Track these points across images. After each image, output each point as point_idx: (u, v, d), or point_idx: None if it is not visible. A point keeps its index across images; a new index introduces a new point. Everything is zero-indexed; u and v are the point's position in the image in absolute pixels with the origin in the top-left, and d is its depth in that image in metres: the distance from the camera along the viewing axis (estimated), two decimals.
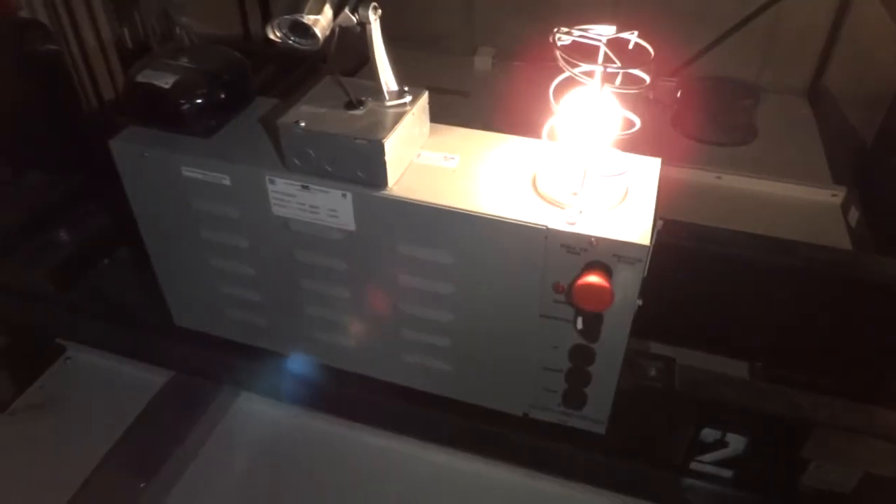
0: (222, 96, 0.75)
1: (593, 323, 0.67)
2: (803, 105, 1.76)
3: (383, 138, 0.65)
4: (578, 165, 0.66)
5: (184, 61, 0.76)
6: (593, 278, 0.63)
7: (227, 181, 0.73)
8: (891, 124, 1.55)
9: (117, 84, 1.44)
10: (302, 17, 0.63)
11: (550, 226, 0.64)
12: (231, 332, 0.88)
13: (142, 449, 1.07)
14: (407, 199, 0.67)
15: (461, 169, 0.71)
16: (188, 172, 0.73)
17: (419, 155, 0.73)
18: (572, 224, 0.64)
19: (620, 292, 0.65)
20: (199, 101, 0.73)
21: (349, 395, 0.95)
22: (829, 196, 1.43)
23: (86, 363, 1.26)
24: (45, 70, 1.05)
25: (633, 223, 0.64)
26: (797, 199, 1.44)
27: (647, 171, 0.71)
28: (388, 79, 0.70)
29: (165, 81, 0.73)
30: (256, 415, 1.19)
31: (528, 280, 0.68)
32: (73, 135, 1.13)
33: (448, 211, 0.67)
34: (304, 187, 0.70)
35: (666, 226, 0.94)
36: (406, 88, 0.72)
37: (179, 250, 0.82)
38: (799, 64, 1.79)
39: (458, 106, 1.63)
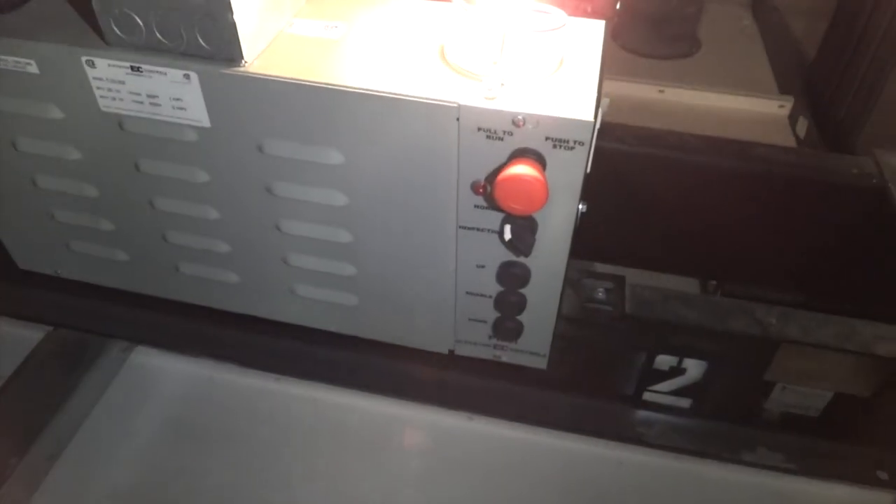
0: None
1: (525, 231, 0.50)
2: (746, 16, 1.63)
3: None
4: (498, 25, 0.48)
5: None
6: (521, 169, 0.45)
7: (33, 68, 0.52)
8: (835, 33, 1.43)
9: None
10: None
11: (463, 102, 0.46)
12: (84, 272, 0.69)
13: (9, 420, 0.87)
14: (271, 76, 0.48)
15: (347, 39, 0.52)
16: None
17: (291, 24, 0.53)
18: (492, 99, 0.46)
19: (558, 188, 0.48)
20: None
21: (256, 341, 0.78)
22: (776, 107, 1.30)
23: None
24: None
25: (572, 96, 0.47)
26: (743, 111, 1.32)
27: (587, 35, 0.53)
28: None
29: None
30: (155, 371, 1.00)
31: (439, 180, 0.50)
32: None
33: (328, 90, 0.48)
34: (134, 69, 0.50)
35: (608, 129, 0.79)
36: None
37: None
38: None
39: None
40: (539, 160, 0.47)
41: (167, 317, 0.81)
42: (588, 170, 0.48)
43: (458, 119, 0.47)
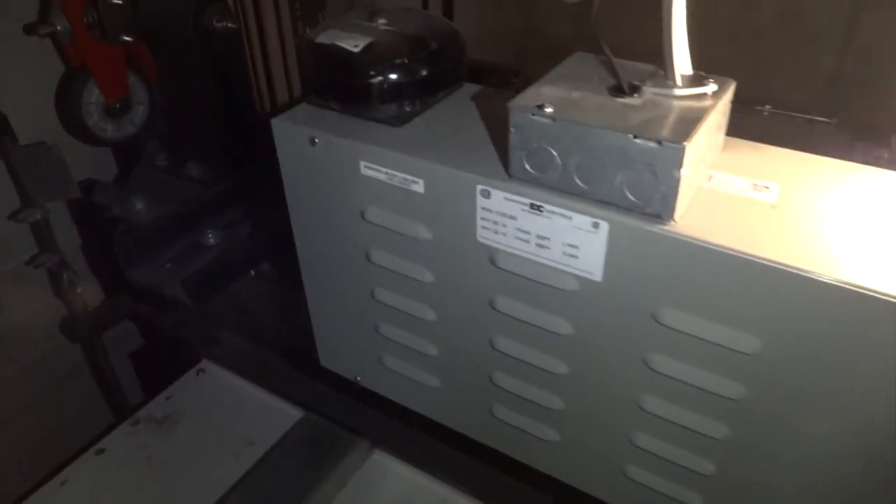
0: (427, 71, 0.50)
1: None
2: None
3: (684, 140, 0.37)
4: None
5: (381, 23, 0.52)
6: None
7: (419, 187, 0.48)
8: None
9: (293, 86, 1.26)
10: None
11: None
12: (389, 388, 0.63)
13: (262, 496, 0.85)
14: (707, 242, 0.39)
15: (785, 205, 0.42)
16: (369, 170, 0.49)
17: (710, 177, 0.45)
18: None
19: None
20: (397, 72, 0.49)
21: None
22: None
23: (219, 378, 1.06)
24: (219, 50, 0.87)
25: None
26: None
27: None
28: (682, 55, 0.43)
29: (355, 44, 0.50)
30: (392, 475, 0.94)
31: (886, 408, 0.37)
32: (240, 128, 0.94)
33: (777, 270, 0.37)
34: (534, 207, 0.44)
35: None
36: (702, 73, 0.44)
37: (340, 272, 0.58)
38: None
39: None
40: None
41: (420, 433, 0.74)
42: None
43: None
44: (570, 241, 0.43)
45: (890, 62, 1.16)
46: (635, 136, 0.38)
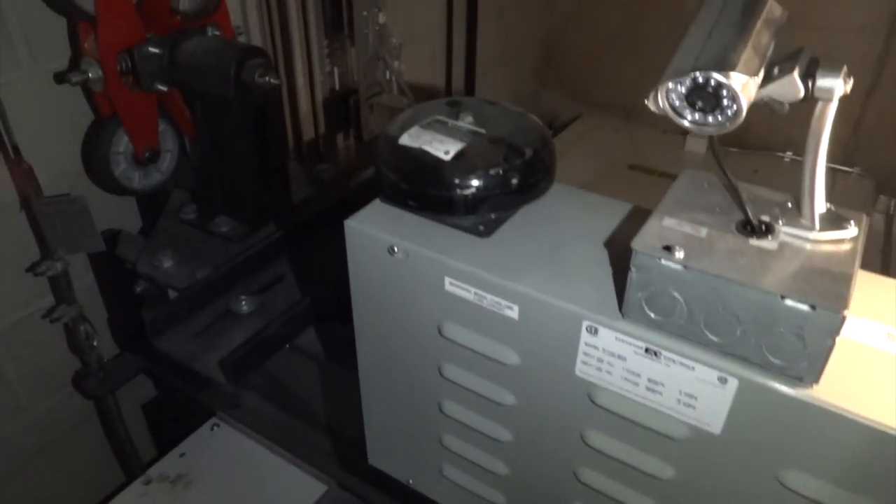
0: (522, 181, 0.46)
1: None
2: None
3: (843, 308, 0.33)
4: None
5: (468, 122, 0.48)
6: None
7: (513, 313, 0.43)
8: None
9: (319, 127, 1.22)
10: (725, 75, 0.33)
11: None
12: (446, 497, 0.58)
13: None
14: (855, 415, 0.35)
15: None
16: (455, 287, 0.45)
17: None
18: None
19: None
20: (491, 184, 0.45)
21: None
22: None
23: (234, 435, 1.01)
24: (258, 104, 0.83)
25: None
26: None
27: None
28: (821, 196, 0.39)
29: (445, 150, 0.45)
30: None
31: None
32: (276, 183, 0.90)
33: None
34: (649, 352, 0.39)
35: None
36: (832, 208, 0.40)
37: (405, 381, 0.53)
38: None
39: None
40: None
41: None
42: None
43: None
44: (688, 390, 0.39)
45: None
46: (783, 297, 0.34)
